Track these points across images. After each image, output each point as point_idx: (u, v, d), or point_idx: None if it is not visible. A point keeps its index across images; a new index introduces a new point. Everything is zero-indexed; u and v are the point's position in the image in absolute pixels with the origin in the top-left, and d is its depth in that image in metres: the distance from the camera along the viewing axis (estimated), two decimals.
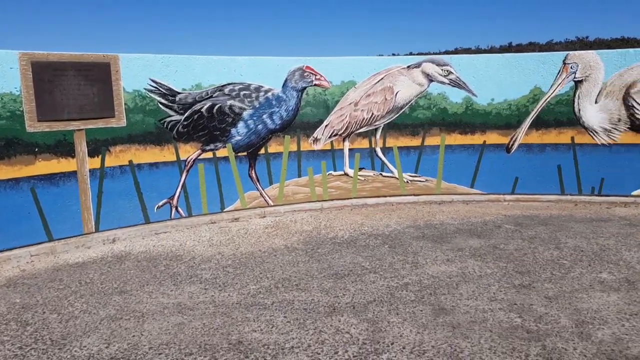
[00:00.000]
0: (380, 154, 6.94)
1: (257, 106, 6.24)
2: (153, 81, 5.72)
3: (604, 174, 6.74)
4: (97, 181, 5.52)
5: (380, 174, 6.98)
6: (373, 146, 6.94)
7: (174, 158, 5.98)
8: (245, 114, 6.20)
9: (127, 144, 5.71)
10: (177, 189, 6.01)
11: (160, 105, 5.81)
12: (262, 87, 6.25)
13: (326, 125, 6.70)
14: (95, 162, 5.49)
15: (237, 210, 6.34)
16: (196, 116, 5.99)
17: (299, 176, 6.69)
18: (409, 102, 6.85)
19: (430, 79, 6.81)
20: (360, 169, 6.92)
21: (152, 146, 5.84)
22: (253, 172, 6.41)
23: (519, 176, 6.98)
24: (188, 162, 6.04)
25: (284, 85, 6.36)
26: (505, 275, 4.11)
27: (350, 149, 6.86)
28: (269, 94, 6.29)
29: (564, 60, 6.68)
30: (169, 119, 5.89)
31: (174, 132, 5.94)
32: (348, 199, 6.88)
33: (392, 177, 7.00)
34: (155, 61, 5.75)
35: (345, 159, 6.87)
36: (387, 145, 6.95)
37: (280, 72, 6.36)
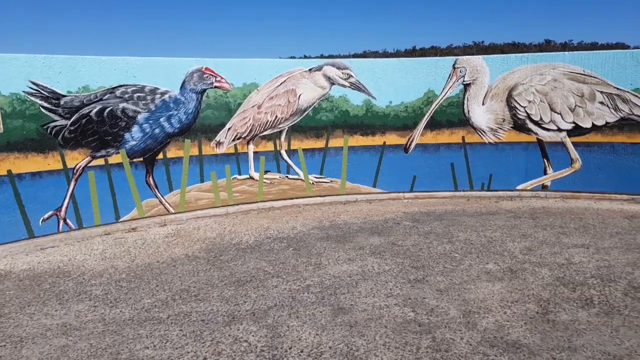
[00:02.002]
0: (285, 156, 6.93)
1: (153, 109, 5.94)
2: (33, 83, 5.24)
3: (492, 171, 7.27)
4: None
5: (286, 176, 6.97)
6: (278, 149, 6.91)
7: (60, 166, 5.51)
8: (140, 117, 5.88)
9: (4, 152, 5.18)
10: (64, 200, 5.55)
11: (43, 110, 5.33)
12: (158, 89, 5.97)
13: (229, 128, 6.55)
14: None
15: (134, 220, 5.99)
16: (84, 120, 5.58)
17: (202, 181, 6.48)
18: (312, 104, 6.91)
19: (331, 81, 6.92)
20: (266, 172, 6.87)
21: (34, 154, 5.34)
22: (151, 178, 6.10)
23: (417, 175, 7.32)
24: (76, 170, 5.60)
25: (182, 87, 6.13)
26: (402, 271, 4.26)
27: (255, 152, 6.78)
28: (166, 96, 6.02)
29: (453, 65, 7.11)
30: (53, 124, 5.42)
31: (59, 138, 5.48)
32: (254, 202, 6.79)
33: (298, 179, 7.02)
34: (35, 62, 5.26)
35: (250, 162, 6.77)
36: (292, 147, 6.96)
37: (177, 74, 6.11)
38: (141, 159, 6.02)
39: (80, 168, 5.63)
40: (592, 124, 6.78)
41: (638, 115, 6.59)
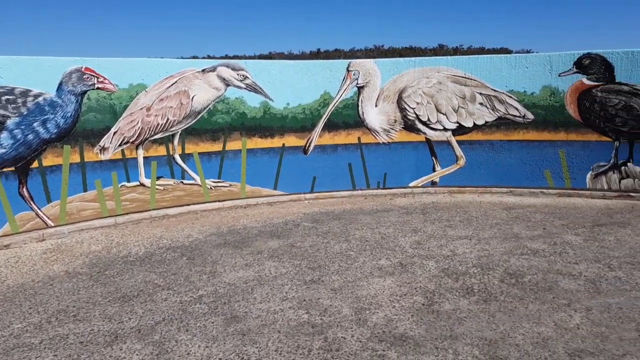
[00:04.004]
0: (179, 160, 6.64)
1: (25, 113, 5.38)
2: None
3: (386, 169, 7.55)
4: None
5: (181, 181, 6.69)
6: (171, 153, 6.60)
7: None
8: (10, 122, 5.30)
9: None
10: None
11: None
12: (30, 91, 5.42)
13: (115, 133, 6.13)
14: None
15: (6, 236, 5.38)
16: None
17: (85, 190, 5.99)
18: (207, 106, 6.70)
19: (226, 83, 6.75)
20: (158, 177, 6.53)
21: None
22: (24, 189, 5.52)
23: (316, 175, 7.40)
24: None
25: (59, 88, 5.62)
26: (299, 273, 4.25)
27: (145, 157, 6.41)
28: (40, 98, 5.48)
29: (347, 68, 7.28)
30: None
31: None
32: (147, 211, 6.42)
33: (195, 184, 6.77)
34: None
35: (140, 168, 6.39)
36: (186, 151, 6.69)
37: (52, 75, 5.59)
38: (12, 168, 5.43)
39: None
40: (474, 123, 7.30)
41: (513, 114, 7.20)
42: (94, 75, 5.85)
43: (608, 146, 6.87)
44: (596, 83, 6.79)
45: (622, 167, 6.82)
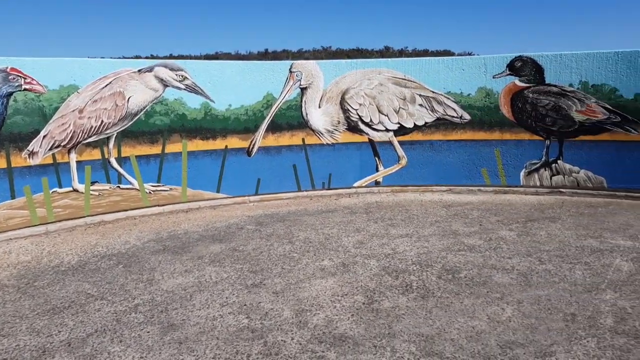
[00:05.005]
0: (115, 164, 6.38)
1: None
2: None
3: (331, 170, 7.59)
4: None
5: (118, 186, 6.43)
6: (106, 157, 6.33)
7: None
8: None
9: None
10: None
11: None
12: None
13: (44, 136, 5.81)
14: None
15: None
16: None
17: (13, 197, 5.64)
18: (144, 108, 6.47)
19: (164, 84, 6.56)
20: (93, 182, 6.24)
21: None
22: None
23: (261, 177, 7.32)
24: None
25: None
26: (240, 277, 4.18)
27: (78, 162, 6.11)
28: None
29: (290, 69, 7.26)
30: None
31: None
32: (81, 217, 6.12)
33: (133, 188, 6.52)
34: None
35: (73, 173, 6.08)
36: (123, 154, 6.43)
37: None
38: None
39: None
40: (414, 124, 7.48)
41: (451, 115, 7.43)
42: (20, 76, 5.51)
43: (540, 145, 7.23)
44: (528, 84, 7.13)
45: (553, 165, 7.20)
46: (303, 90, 7.33)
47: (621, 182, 6.85)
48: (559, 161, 7.17)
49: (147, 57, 20.90)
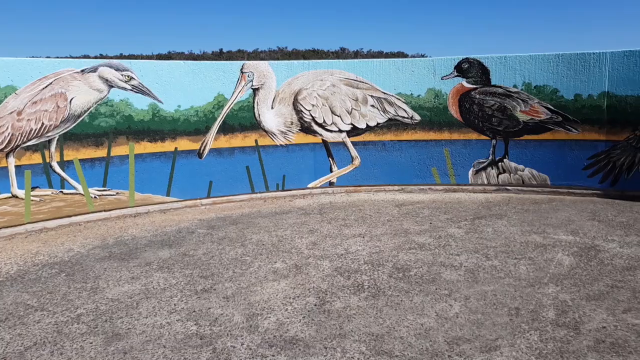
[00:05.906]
0: (57, 168, 6.09)
1: None
2: None
3: (285, 171, 7.55)
4: None
5: (61, 191, 6.14)
6: (48, 161, 6.04)
7: None
8: None
9: None
10: None
11: None
12: None
13: None
14: None
15: None
16: None
17: None
18: (88, 109, 6.22)
19: (110, 84, 6.32)
20: (34, 188, 5.94)
21: None
22: None
23: (213, 180, 7.19)
24: None
25: None
26: (190, 283, 4.08)
27: (17, 166, 5.80)
28: None
29: (241, 69, 7.17)
30: None
31: None
32: (21, 225, 5.81)
33: (77, 193, 6.25)
34: None
35: (11, 179, 5.76)
36: (65, 158, 6.15)
37: None
38: None
39: None
40: (366, 124, 7.55)
41: (402, 116, 7.56)
42: None
43: (486, 144, 7.46)
44: (474, 86, 7.34)
45: (499, 163, 7.45)
46: (255, 91, 7.26)
47: (563, 179, 7.17)
48: (505, 160, 7.42)
49: (96, 57, 20.14)
